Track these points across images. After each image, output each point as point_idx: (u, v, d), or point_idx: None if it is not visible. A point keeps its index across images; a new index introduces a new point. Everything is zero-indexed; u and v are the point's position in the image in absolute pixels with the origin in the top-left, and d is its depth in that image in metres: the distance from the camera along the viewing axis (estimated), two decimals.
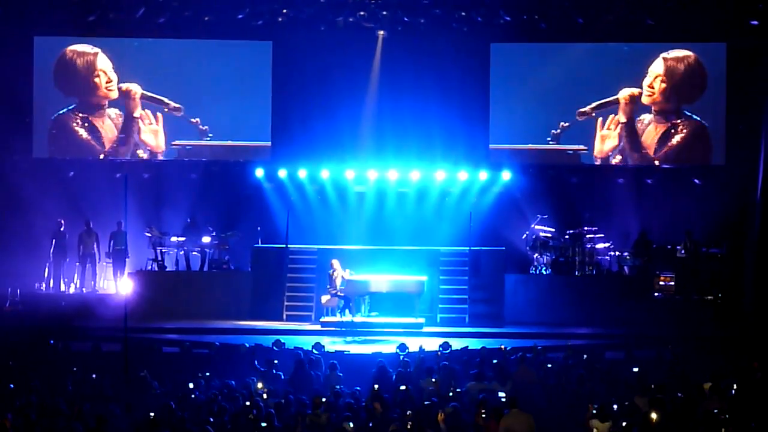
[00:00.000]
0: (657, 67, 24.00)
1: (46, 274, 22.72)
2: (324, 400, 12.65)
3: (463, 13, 23.52)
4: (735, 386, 13.56)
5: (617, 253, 22.71)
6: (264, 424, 11.82)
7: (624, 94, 24.11)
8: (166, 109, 24.52)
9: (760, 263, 21.81)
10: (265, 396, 13.19)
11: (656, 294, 21.94)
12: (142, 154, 24.62)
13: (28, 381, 14.17)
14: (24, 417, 12.05)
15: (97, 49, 24.43)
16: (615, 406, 12.51)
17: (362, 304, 20.79)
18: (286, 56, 24.32)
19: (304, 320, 21.30)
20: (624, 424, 11.75)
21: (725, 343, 18.24)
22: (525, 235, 23.04)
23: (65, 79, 24.44)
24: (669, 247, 22.37)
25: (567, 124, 24.21)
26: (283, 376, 14.94)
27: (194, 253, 22.82)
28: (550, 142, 24.25)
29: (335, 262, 20.86)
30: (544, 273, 22.40)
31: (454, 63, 23.99)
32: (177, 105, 24.47)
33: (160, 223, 23.38)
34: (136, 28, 23.65)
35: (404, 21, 23.76)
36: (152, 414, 11.96)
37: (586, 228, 22.69)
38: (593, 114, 24.22)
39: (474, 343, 17.74)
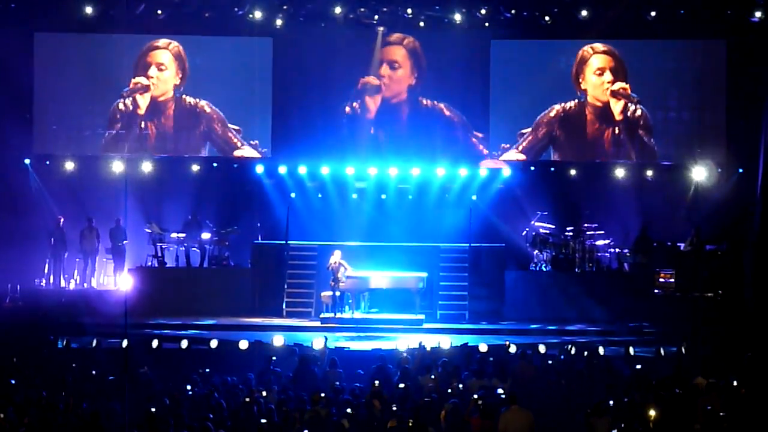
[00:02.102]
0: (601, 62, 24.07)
1: (46, 270, 22.73)
2: (323, 396, 12.65)
3: (464, 9, 23.51)
4: (735, 383, 13.54)
5: (617, 249, 22.69)
6: (263, 420, 11.82)
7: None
8: None
9: (760, 260, 21.77)
10: (264, 393, 13.18)
11: (656, 291, 21.92)
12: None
13: (28, 377, 14.18)
14: (24, 413, 12.05)
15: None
16: (615, 403, 12.48)
17: (362, 300, 20.78)
18: (286, 52, 24.29)
19: (304, 316, 21.29)
20: (623, 420, 11.74)
21: (725, 340, 18.21)
22: (525, 232, 23.04)
23: None
24: (669, 243, 22.36)
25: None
26: (282, 373, 14.93)
27: (194, 249, 22.84)
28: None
29: (337, 252, 20.72)
30: (544, 269, 22.39)
31: (455, 59, 23.98)
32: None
33: (160, 220, 23.38)
34: (137, 24, 23.62)
35: (404, 17, 23.75)
36: (153, 410, 11.96)
37: (586, 224, 22.68)
38: None
39: (474, 340, 17.76)
